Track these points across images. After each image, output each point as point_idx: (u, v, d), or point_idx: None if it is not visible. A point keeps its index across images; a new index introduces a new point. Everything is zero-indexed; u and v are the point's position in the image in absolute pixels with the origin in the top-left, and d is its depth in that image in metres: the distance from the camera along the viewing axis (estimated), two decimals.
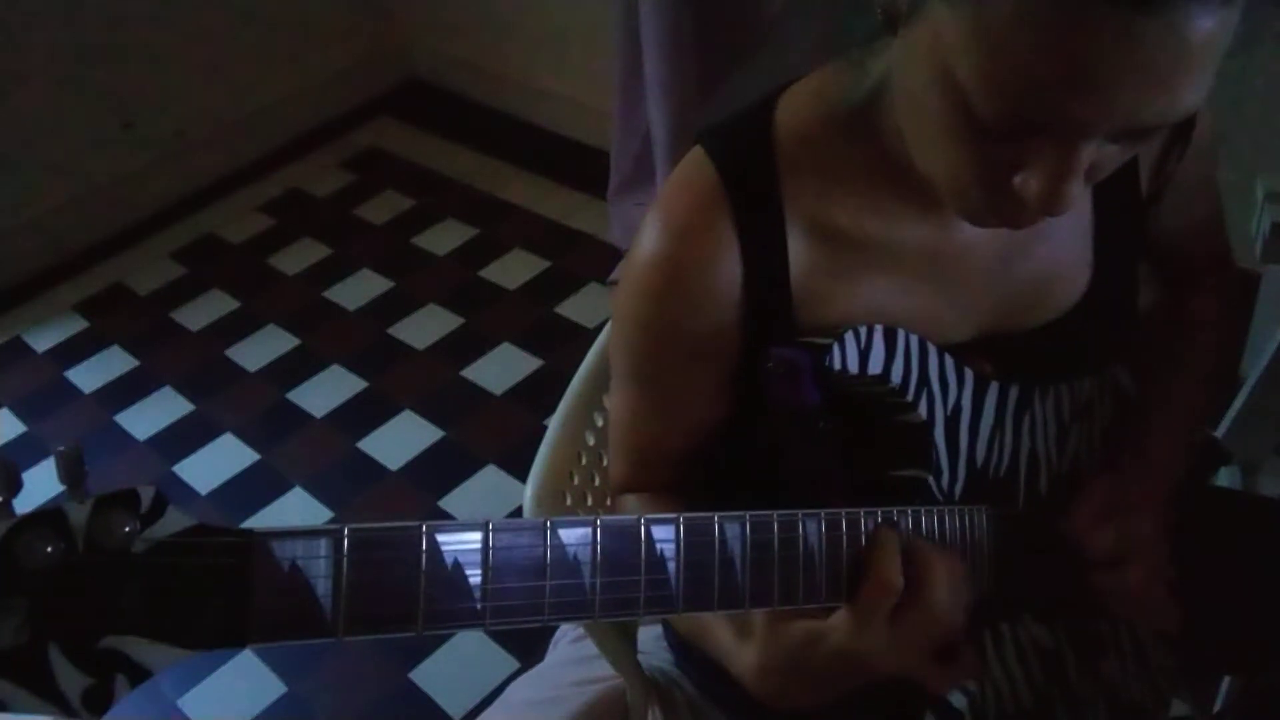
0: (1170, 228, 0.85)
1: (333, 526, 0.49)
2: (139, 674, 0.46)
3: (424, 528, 0.50)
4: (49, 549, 0.44)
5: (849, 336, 0.70)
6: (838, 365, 0.69)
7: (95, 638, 0.46)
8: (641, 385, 0.80)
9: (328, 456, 2.15)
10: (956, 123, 0.59)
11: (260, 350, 2.44)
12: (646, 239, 0.74)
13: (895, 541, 0.65)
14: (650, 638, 1.03)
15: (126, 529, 0.45)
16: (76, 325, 2.59)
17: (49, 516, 0.45)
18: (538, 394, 2.22)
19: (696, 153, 0.75)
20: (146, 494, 0.46)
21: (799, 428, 0.73)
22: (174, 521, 0.47)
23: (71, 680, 0.45)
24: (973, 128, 0.58)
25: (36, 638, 0.45)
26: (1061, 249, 0.79)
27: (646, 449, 0.83)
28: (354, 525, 0.49)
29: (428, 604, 0.50)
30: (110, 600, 0.46)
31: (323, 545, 0.48)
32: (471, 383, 2.28)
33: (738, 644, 0.69)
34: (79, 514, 0.45)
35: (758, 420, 0.77)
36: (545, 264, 2.57)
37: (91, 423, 2.30)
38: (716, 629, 0.71)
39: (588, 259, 2.55)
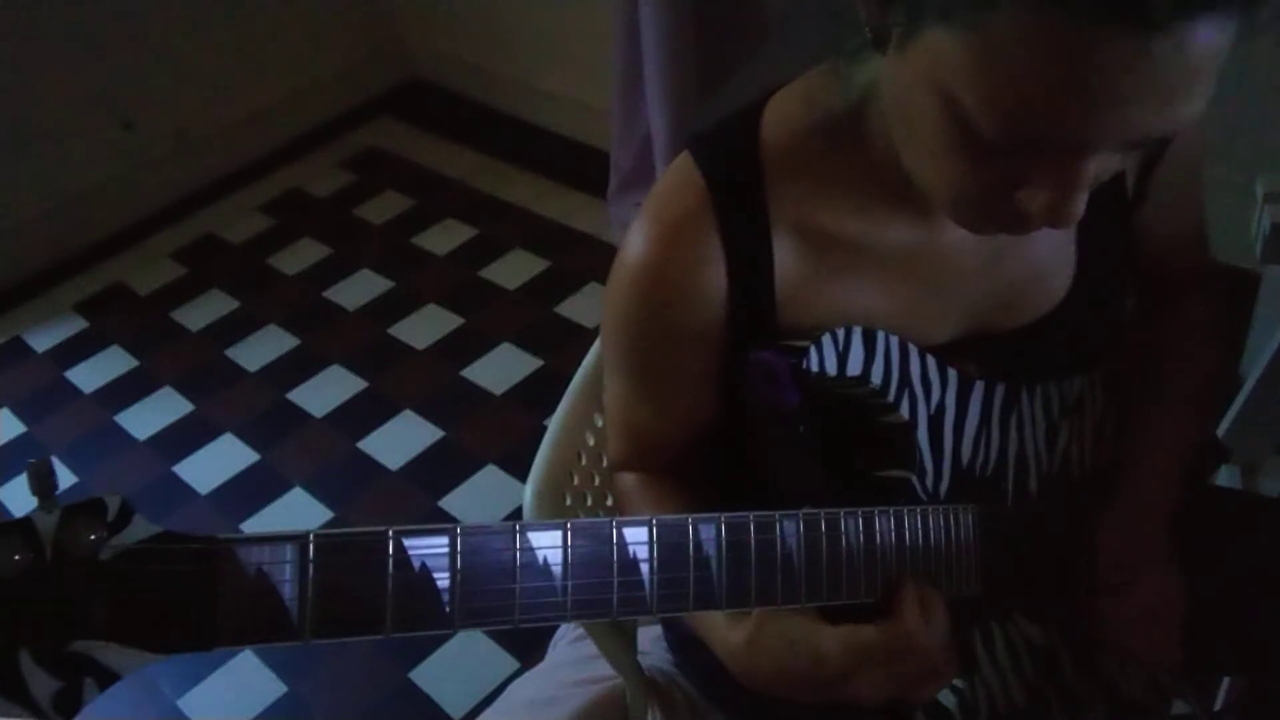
0: (1154, 231, 0.85)
1: (298, 532, 0.49)
2: (107, 677, 0.48)
3: (390, 532, 0.51)
4: (17, 558, 0.45)
5: (826, 339, 0.70)
6: (815, 368, 0.70)
7: (64, 643, 0.47)
8: (629, 378, 0.81)
9: (328, 456, 2.15)
10: (958, 140, 0.58)
11: (260, 350, 2.44)
12: (633, 242, 0.75)
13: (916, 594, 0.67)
14: (650, 638, 1.03)
15: (93, 537, 0.46)
16: (76, 325, 2.59)
17: (17, 526, 0.46)
18: (538, 394, 2.22)
19: (684, 158, 0.75)
20: (113, 503, 0.47)
21: (779, 430, 0.73)
22: (140, 529, 0.48)
23: (42, 684, 0.46)
24: (975, 145, 0.58)
25: (7, 643, 0.46)
26: (1045, 248, 0.79)
27: (640, 433, 0.83)
28: (319, 531, 0.49)
29: (395, 607, 0.50)
30: (79, 606, 0.47)
31: (288, 551, 0.49)
32: (471, 383, 2.28)
33: (730, 618, 0.70)
34: (47, 523, 0.46)
35: (742, 422, 0.76)
36: (545, 264, 2.57)
37: (91, 423, 2.30)
38: None
39: (588, 259, 2.55)
